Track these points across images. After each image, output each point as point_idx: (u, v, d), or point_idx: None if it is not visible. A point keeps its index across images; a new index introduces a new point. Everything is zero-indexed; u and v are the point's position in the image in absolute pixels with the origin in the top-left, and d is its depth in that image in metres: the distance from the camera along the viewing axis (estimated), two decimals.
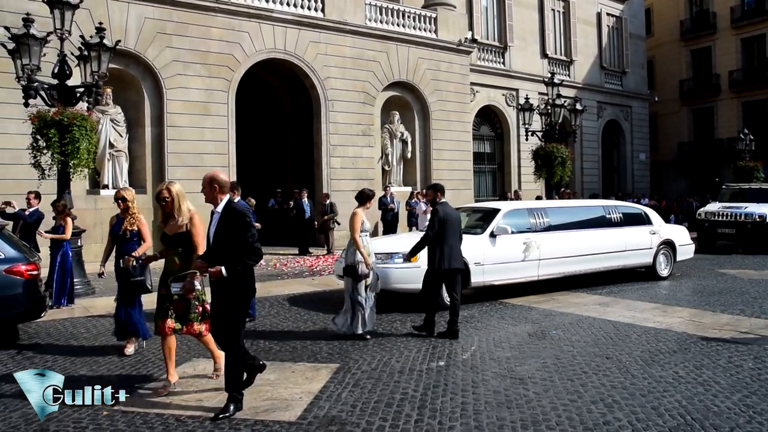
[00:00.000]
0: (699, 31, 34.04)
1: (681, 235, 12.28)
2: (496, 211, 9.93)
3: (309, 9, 17.58)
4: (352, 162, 18.31)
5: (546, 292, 10.12)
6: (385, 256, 8.55)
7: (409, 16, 19.84)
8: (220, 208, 4.70)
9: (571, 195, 21.23)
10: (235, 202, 4.83)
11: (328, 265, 13.60)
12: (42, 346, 6.98)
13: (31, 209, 9.66)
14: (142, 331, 6.51)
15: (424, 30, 20.12)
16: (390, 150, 19.51)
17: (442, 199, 7.48)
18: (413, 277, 8.45)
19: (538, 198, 20.78)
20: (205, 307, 5.30)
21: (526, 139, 19.33)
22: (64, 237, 9.02)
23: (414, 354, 6.40)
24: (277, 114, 21.33)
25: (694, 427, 4.33)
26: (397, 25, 19.52)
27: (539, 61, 25.63)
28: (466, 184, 20.94)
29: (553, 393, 5.08)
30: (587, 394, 5.06)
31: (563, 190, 20.22)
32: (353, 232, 7.13)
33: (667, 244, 11.79)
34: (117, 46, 10.92)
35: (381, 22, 19.16)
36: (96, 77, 10.35)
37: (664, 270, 11.71)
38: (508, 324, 7.91)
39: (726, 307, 8.88)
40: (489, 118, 24.68)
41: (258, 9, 16.51)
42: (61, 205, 9.19)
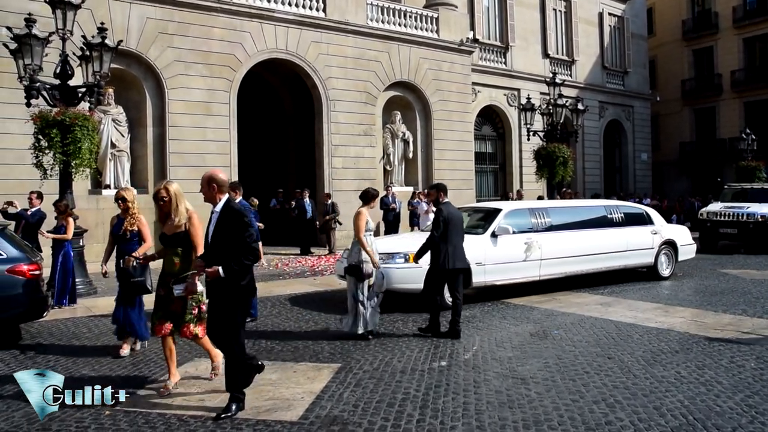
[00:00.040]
0: (701, 31, 34.01)
1: (682, 235, 12.26)
2: (497, 211, 9.92)
3: (310, 9, 17.59)
4: (354, 162, 18.32)
5: (548, 292, 10.11)
6: (386, 256, 8.55)
7: (410, 16, 19.85)
8: (219, 207, 4.68)
9: (572, 195, 21.21)
10: (234, 202, 4.81)
11: (330, 265, 13.60)
12: (44, 345, 6.99)
13: (33, 209, 9.66)
14: (140, 332, 6.50)
15: (426, 30, 20.12)
16: (391, 150, 19.52)
17: (445, 199, 7.47)
18: (415, 277, 8.45)
19: (540, 198, 20.78)
20: (201, 309, 5.26)
21: (528, 139, 19.33)
22: (66, 237, 9.02)
23: (416, 354, 6.40)
24: (278, 114, 21.34)
25: (696, 427, 4.32)
26: (399, 25, 19.53)
27: (541, 61, 25.62)
28: (467, 184, 20.94)
29: (555, 393, 5.08)
30: (589, 394, 5.05)
31: (564, 190, 20.21)
32: (358, 231, 7.12)
33: (669, 244, 11.78)
34: (119, 46, 10.93)
35: (382, 22, 19.17)
36: (98, 77, 10.35)
37: (665, 270, 11.70)
38: (509, 324, 7.90)
39: (728, 307, 8.86)
40: (491, 118, 24.68)
41: (259, 9, 16.52)
42: (63, 205, 9.20)
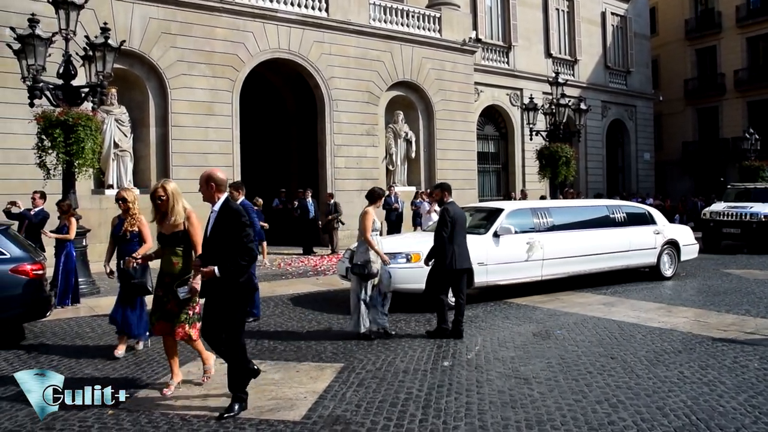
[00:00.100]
0: (704, 31, 33.94)
1: (685, 235, 12.24)
2: (499, 210, 9.91)
3: (313, 9, 17.59)
4: (356, 162, 18.32)
5: (550, 291, 10.10)
6: (389, 256, 8.53)
7: (413, 16, 19.84)
8: (218, 206, 4.66)
9: (574, 195, 21.20)
10: (232, 201, 4.77)
11: (332, 265, 13.60)
12: (47, 345, 7.00)
13: (36, 209, 9.69)
14: (137, 332, 6.48)
15: (429, 30, 20.11)
16: (394, 150, 19.51)
17: (450, 199, 7.44)
18: (417, 277, 8.45)
19: (543, 198, 20.77)
20: (196, 310, 5.21)
21: (531, 139, 19.33)
22: (68, 237, 9.03)
23: (418, 354, 6.40)
24: (281, 114, 21.35)
25: (699, 427, 4.32)
26: (401, 24, 19.52)
27: (543, 60, 25.59)
28: (470, 184, 20.93)
29: (558, 393, 5.07)
30: (592, 394, 5.05)
31: (566, 189, 20.20)
32: (365, 231, 7.10)
33: (671, 244, 11.76)
34: (122, 47, 10.94)
35: (385, 21, 19.16)
36: (101, 77, 10.38)
37: (668, 270, 11.68)
38: (512, 324, 7.90)
39: (731, 307, 8.85)
40: (493, 117, 24.66)
41: (262, 9, 16.53)
42: (66, 205, 9.22)
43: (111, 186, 14.33)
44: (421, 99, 20.08)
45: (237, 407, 4.62)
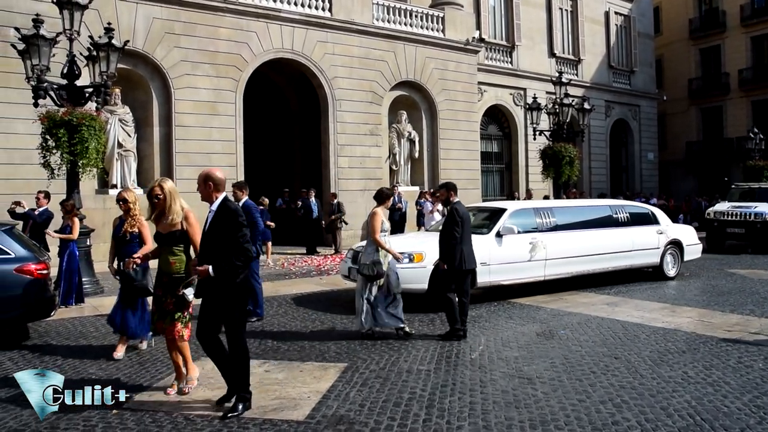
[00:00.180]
0: (708, 30, 33.82)
1: (688, 235, 12.21)
2: (502, 210, 9.90)
3: (316, 9, 17.60)
4: (360, 161, 18.32)
5: (554, 291, 10.09)
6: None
7: (416, 16, 19.83)
8: (215, 206, 4.64)
9: (577, 194, 21.17)
10: (230, 201, 4.74)
11: (336, 265, 13.60)
12: (52, 344, 7.02)
13: (40, 209, 9.72)
14: (138, 333, 6.46)
15: (432, 29, 20.10)
16: (397, 149, 19.50)
17: (456, 198, 7.42)
18: (419, 277, 8.46)
19: (546, 198, 20.75)
20: (189, 310, 5.16)
21: (534, 139, 19.31)
22: (71, 237, 9.04)
23: (422, 353, 6.39)
24: (284, 113, 21.36)
25: (703, 427, 4.31)
26: (405, 24, 19.52)
27: (547, 60, 25.54)
28: (473, 184, 20.90)
29: (562, 393, 5.07)
30: (596, 394, 5.04)
31: (570, 189, 20.17)
32: (374, 232, 7.08)
33: (675, 244, 11.73)
34: (125, 47, 10.97)
35: (388, 21, 19.16)
36: (105, 77, 10.40)
37: (671, 270, 11.65)
38: (516, 324, 7.89)
39: (735, 307, 8.82)
40: (497, 117, 24.63)
41: (266, 9, 16.54)
42: (70, 205, 9.23)
43: (115, 186, 14.37)
44: (424, 99, 20.07)
45: (241, 407, 4.62)
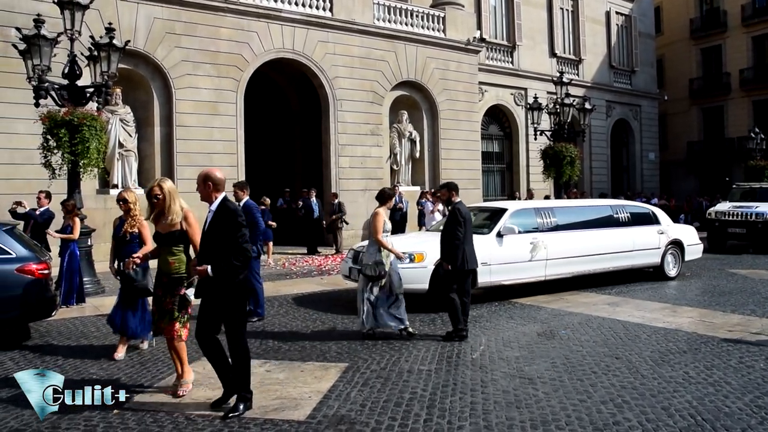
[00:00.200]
0: (709, 30, 33.78)
1: (689, 235, 12.21)
2: (503, 210, 9.90)
3: (317, 9, 17.60)
4: (361, 161, 18.32)
5: (555, 291, 10.09)
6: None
7: (417, 16, 19.82)
8: (215, 206, 4.64)
9: (577, 194, 21.15)
10: (229, 201, 4.72)
11: (337, 265, 13.60)
12: (53, 344, 7.03)
13: (41, 209, 9.72)
14: (138, 334, 6.45)
15: (433, 29, 20.09)
16: (398, 149, 19.50)
17: (457, 198, 7.42)
18: (420, 277, 8.45)
19: (547, 197, 20.74)
20: (188, 310, 5.15)
21: (535, 139, 19.29)
22: (72, 237, 9.04)
23: (423, 354, 6.40)
24: (285, 113, 21.37)
25: (704, 427, 4.30)
26: (406, 24, 19.51)
27: (548, 60, 25.53)
28: (474, 184, 20.90)
29: (563, 393, 5.07)
30: (597, 394, 5.04)
31: (571, 189, 20.16)
32: (376, 233, 7.07)
33: (675, 244, 11.73)
34: (126, 47, 10.98)
35: (389, 21, 19.15)
36: (106, 77, 10.41)
37: (672, 270, 11.65)
38: (517, 324, 7.89)
39: (737, 307, 8.82)
40: (497, 117, 24.63)
41: (267, 9, 16.54)
42: (71, 205, 9.23)
43: (116, 186, 14.37)
44: (425, 99, 20.06)
45: (242, 407, 4.63)
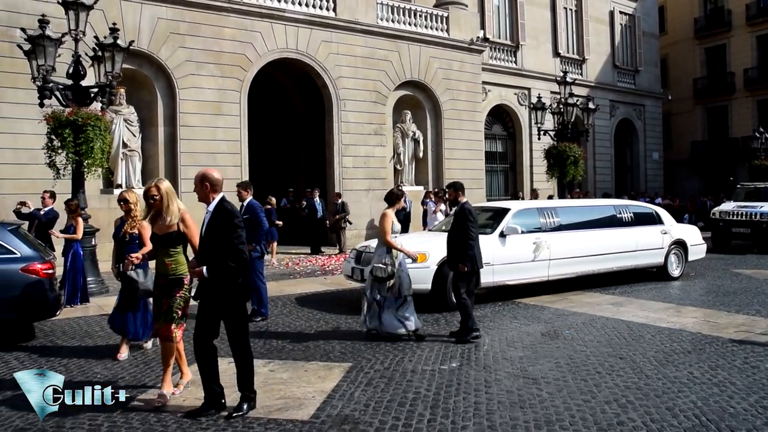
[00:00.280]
0: (713, 29, 33.69)
1: (692, 235, 12.18)
2: (505, 210, 9.89)
3: (321, 9, 17.60)
4: (364, 161, 18.32)
5: (559, 291, 10.07)
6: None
7: (420, 16, 19.82)
8: (212, 207, 4.62)
9: (580, 194, 21.11)
10: (227, 202, 4.67)
11: (340, 265, 13.59)
12: (57, 344, 7.05)
13: (45, 209, 9.75)
14: (140, 336, 6.45)
15: (436, 29, 20.08)
16: (402, 149, 19.49)
17: (464, 198, 7.41)
18: (422, 277, 8.42)
19: (551, 197, 20.71)
20: (186, 311, 5.12)
21: (539, 138, 19.26)
22: (75, 237, 9.05)
23: (426, 353, 6.39)
24: (288, 113, 21.39)
25: (709, 428, 4.29)
26: (409, 24, 19.50)
27: (551, 59, 25.49)
28: (477, 184, 20.87)
29: (567, 393, 5.06)
30: (601, 394, 5.03)
31: (574, 189, 20.13)
32: (385, 233, 7.05)
33: (679, 244, 11.70)
34: (130, 47, 10.99)
35: (393, 21, 19.15)
36: (110, 77, 10.43)
37: (675, 270, 11.62)
38: (520, 324, 7.88)
39: (741, 307, 8.79)
40: (501, 117, 24.59)
41: (270, 9, 16.55)
42: (74, 205, 9.24)
43: (120, 186, 14.39)
44: (428, 98, 20.05)
45: (246, 406, 4.63)
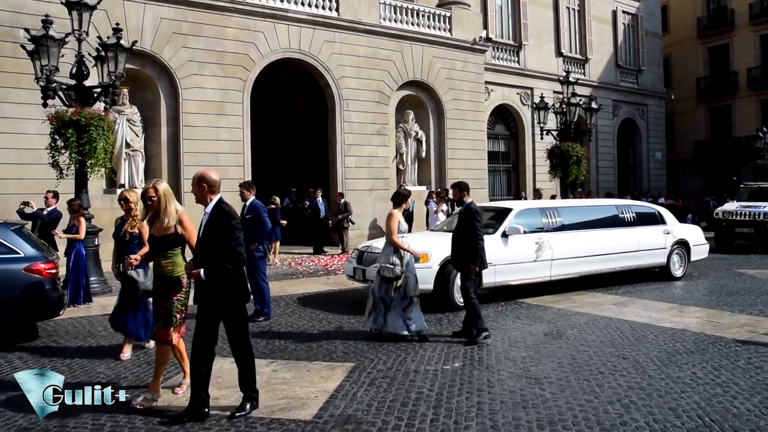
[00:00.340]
0: (716, 28, 33.62)
1: (695, 235, 12.16)
2: (508, 210, 9.87)
3: (323, 8, 17.59)
4: (367, 161, 18.31)
5: (562, 291, 10.06)
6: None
7: (423, 15, 19.80)
8: (209, 208, 4.60)
9: (583, 194, 21.08)
10: (225, 203, 4.65)
11: (343, 265, 13.61)
12: (60, 343, 7.07)
13: (49, 209, 9.76)
14: (142, 336, 6.45)
15: (439, 29, 20.06)
16: (404, 149, 19.46)
17: (469, 198, 7.40)
18: (424, 277, 8.39)
19: (553, 197, 20.69)
20: (185, 313, 5.10)
21: (541, 138, 19.25)
22: (78, 237, 9.06)
23: (429, 354, 6.39)
24: (291, 113, 21.39)
25: (713, 428, 4.29)
26: (412, 24, 19.48)
27: (554, 59, 25.46)
28: (480, 183, 20.84)
29: (570, 393, 5.06)
30: (604, 394, 5.03)
31: (576, 189, 20.10)
32: (391, 234, 7.03)
33: (681, 244, 11.68)
34: (133, 47, 11.01)
35: (395, 21, 19.13)
36: (113, 77, 10.45)
37: (678, 270, 11.60)
38: (523, 324, 7.88)
39: (744, 307, 8.78)
40: (504, 116, 24.57)
41: (273, 9, 16.56)
42: (76, 204, 9.24)
43: (123, 186, 14.40)
44: (431, 98, 20.04)
45: (248, 406, 4.64)
